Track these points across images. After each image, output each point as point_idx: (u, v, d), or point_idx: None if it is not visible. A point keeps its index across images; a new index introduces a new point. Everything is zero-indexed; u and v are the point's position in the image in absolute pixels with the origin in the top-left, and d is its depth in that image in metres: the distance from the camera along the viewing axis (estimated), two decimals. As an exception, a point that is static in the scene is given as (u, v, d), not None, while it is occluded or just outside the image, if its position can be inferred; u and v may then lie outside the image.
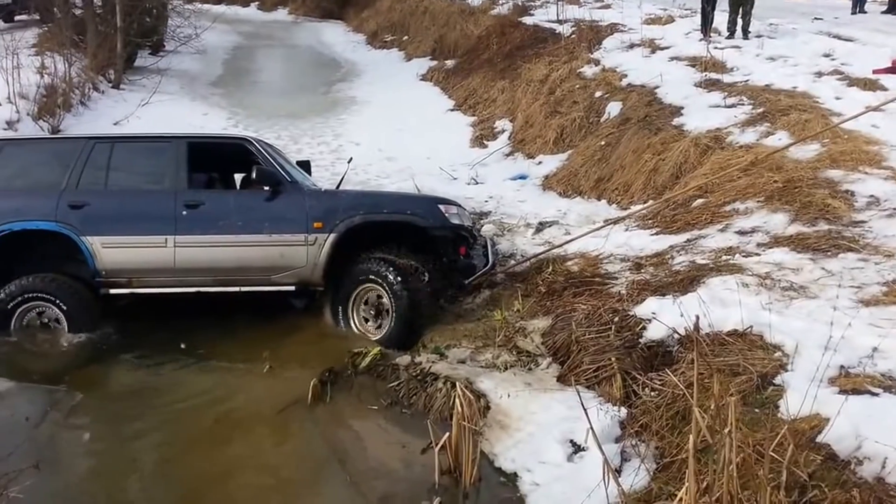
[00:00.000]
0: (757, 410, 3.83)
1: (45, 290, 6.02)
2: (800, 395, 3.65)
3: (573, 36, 13.51)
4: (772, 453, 3.18)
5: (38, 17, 18.25)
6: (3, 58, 11.91)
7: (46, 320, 6.11)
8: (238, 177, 7.67)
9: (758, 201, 6.47)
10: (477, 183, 10.35)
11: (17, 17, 19.49)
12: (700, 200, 7.00)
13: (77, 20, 15.84)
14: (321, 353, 5.92)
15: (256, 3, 33.12)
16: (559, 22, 14.77)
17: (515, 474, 4.26)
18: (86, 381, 5.55)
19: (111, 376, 5.69)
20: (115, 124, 12.57)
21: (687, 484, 3.08)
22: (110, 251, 6.09)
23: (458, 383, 4.73)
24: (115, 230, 6.11)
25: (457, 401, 4.26)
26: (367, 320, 6.21)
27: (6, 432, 4.73)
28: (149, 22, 17.95)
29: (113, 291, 6.22)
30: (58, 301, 6.02)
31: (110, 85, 15.13)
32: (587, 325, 5.25)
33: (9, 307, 5.98)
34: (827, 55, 10.38)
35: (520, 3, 17.41)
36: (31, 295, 6.02)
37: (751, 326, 4.48)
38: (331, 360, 5.65)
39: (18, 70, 11.95)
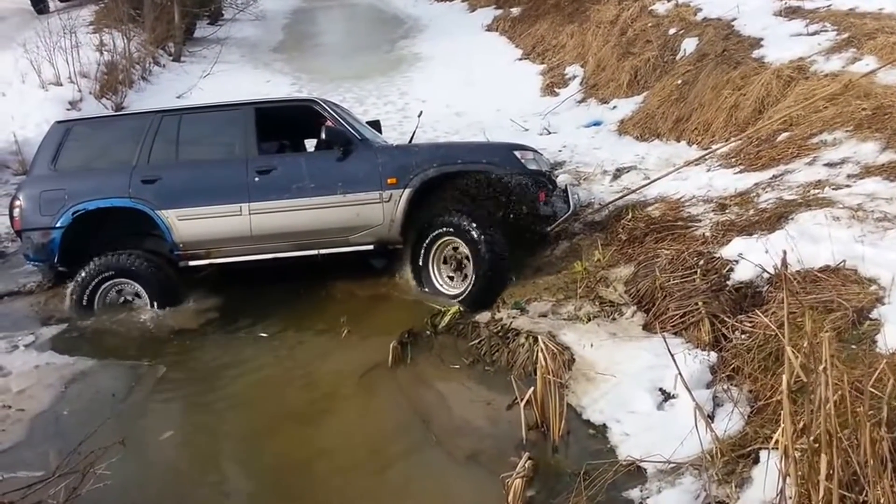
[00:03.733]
0: (854, 346, 3.78)
1: (126, 266, 6.22)
2: (899, 328, 3.58)
3: (643, -29, 13.16)
4: (871, 389, 3.15)
5: None
6: (62, 37, 12.16)
7: (128, 297, 6.35)
8: (309, 143, 7.79)
9: (846, 131, 6.29)
10: (549, 133, 10.29)
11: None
12: (785, 134, 6.84)
13: None
14: (400, 314, 6.05)
15: (312, -37, 33.05)
16: (627, -43, 14.39)
17: (604, 425, 4.26)
18: (169, 355, 5.72)
19: (193, 350, 5.83)
20: (177, 98, 12.81)
21: (783, 425, 3.06)
22: (186, 223, 6.26)
23: (540, 337, 4.76)
24: (189, 202, 6.27)
25: (540, 355, 4.28)
26: (447, 276, 6.27)
27: (92, 409, 4.92)
28: None
29: (192, 263, 6.42)
30: (138, 277, 6.23)
31: (171, 58, 15.40)
32: (671, 271, 5.23)
33: (91, 286, 6.20)
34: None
35: (584, -59, 16.99)
36: (112, 273, 6.22)
37: (844, 261, 4.42)
38: (410, 320, 5.77)
39: (78, 49, 12.23)
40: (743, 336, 4.39)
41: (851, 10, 8.74)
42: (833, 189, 5.50)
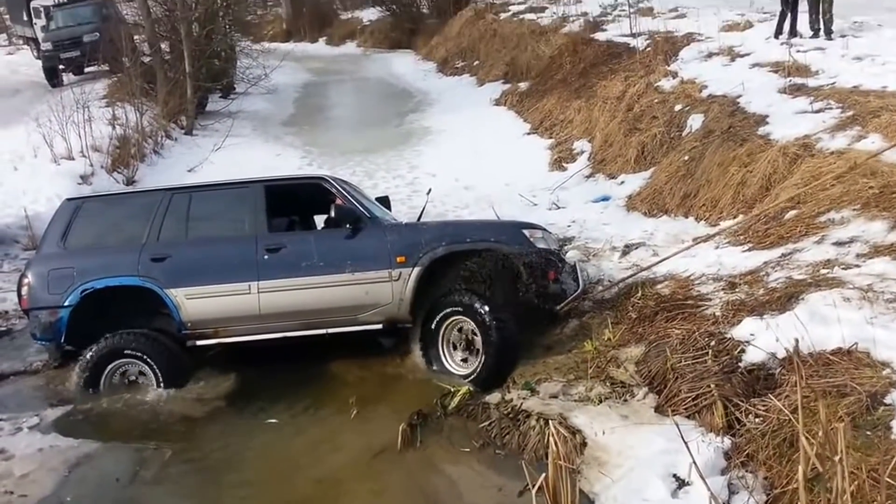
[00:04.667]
0: (868, 432, 3.76)
1: (133, 346, 6.14)
2: (914, 415, 3.57)
3: (648, 49, 13.42)
4: (888, 479, 3.14)
5: (107, 68, 18.97)
6: (75, 111, 12.34)
7: (135, 377, 6.24)
8: (319, 218, 7.84)
9: (854, 209, 6.34)
10: (558, 207, 10.33)
11: (86, 69, 20.31)
12: (792, 212, 6.89)
13: (146, 68, 16.35)
14: (409, 394, 6.02)
15: (324, 38, 33.92)
16: (633, 36, 14.67)
17: None
18: (175, 438, 5.66)
19: (200, 433, 5.77)
20: (189, 171, 12.92)
21: None
22: (195, 302, 6.22)
23: (551, 421, 4.71)
24: (198, 280, 6.24)
25: (551, 440, 4.23)
26: (456, 355, 6.24)
27: (96, 495, 4.90)
28: (218, 65, 18.38)
29: (200, 343, 6.37)
30: (146, 357, 6.13)
31: (182, 131, 15.57)
32: (682, 351, 5.22)
33: (97, 366, 6.11)
34: (918, 51, 10.03)
35: (591, 20, 17.40)
36: (118, 352, 6.14)
37: (856, 343, 4.41)
38: (419, 401, 5.74)
39: (90, 123, 12.41)
40: (757, 420, 4.36)
41: (855, 88, 8.88)
42: (842, 269, 5.52)
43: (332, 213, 6.50)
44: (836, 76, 9.53)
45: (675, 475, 4.28)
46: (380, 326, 6.41)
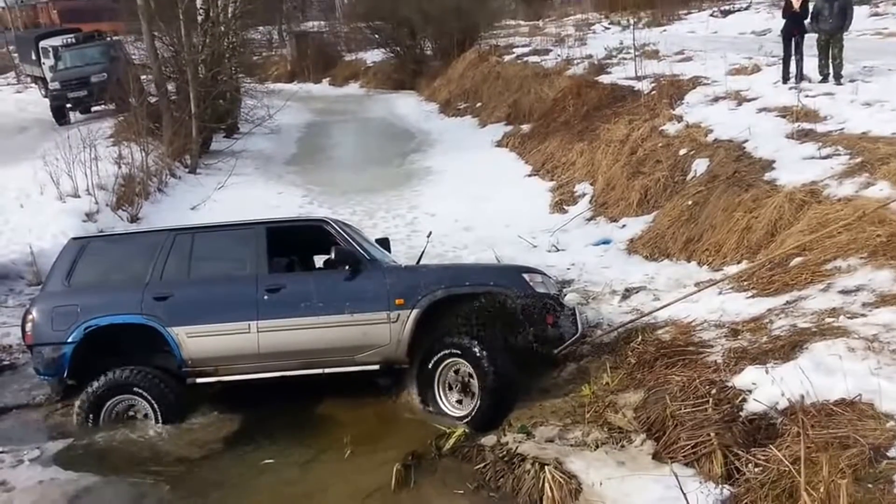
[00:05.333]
0: (870, 486, 3.70)
1: (133, 382, 6.23)
2: (918, 469, 3.53)
3: (653, 92, 13.56)
4: (891, 534, 3.08)
5: (113, 108, 19.20)
6: (82, 150, 12.51)
7: (134, 413, 6.34)
8: (319, 259, 7.85)
9: (861, 258, 6.32)
10: (558, 250, 10.33)
11: (93, 109, 20.62)
12: (798, 259, 6.86)
13: (152, 108, 16.59)
14: (404, 434, 5.99)
15: (328, 79, 34.35)
16: (638, 79, 14.85)
17: None
18: (172, 474, 5.67)
19: (197, 470, 5.78)
20: (192, 209, 13.08)
21: None
22: (195, 340, 6.30)
23: (546, 465, 4.69)
24: (199, 319, 6.32)
25: (546, 484, 4.23)
26: (453, 397, 6.23)
27: None
28: (222, 105, 18.66)
29: (200, 380, 6.43)
30: (145, 393, 6.22)
31: (187, 170, 15.78)
32: (682, 399, 5.16)
33: (98, 401, 6.20)
34: (929, 98, 10.09)
35: (595, 63, 17.59)
36: (119, 388, 6.23)
37: (860, 395, 4.37)
38: (414, 441, 5.70)
39: (96, 161, 12.59)
40: (756, 470, 4.29)
41: (864, 134, 8.91)
42: (848, 318, 5.47)
43: (333, 255, 6.55)
44: (845, 122, 9.60)
45: None
46: (377, 367, 6.43)
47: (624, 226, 10.65)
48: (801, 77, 12.07)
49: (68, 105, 20.39)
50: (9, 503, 5.18)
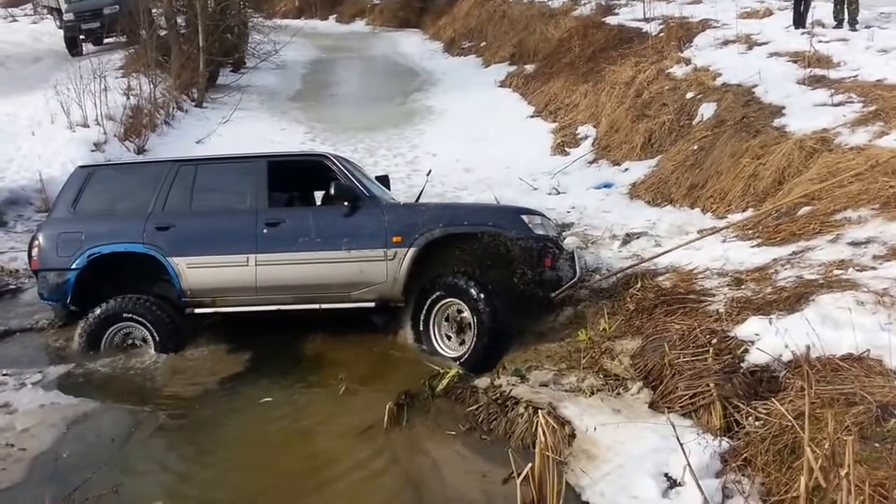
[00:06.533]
0: (877, 444, 3.54)
1: (134, 310, 6.30)
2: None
3: (661, 34, 13.15)
4: (896, 495, 2.90)
5: (124, 40, 19.05)
6: (92, 80, 12.53)
7: (134, 340, 6.41)
8: (318, 194, 7.80)
9: (872, 209, 6.07)
10: (558, 192, 10.16)
11: (105, 41, 20.41)
12: (806, 208, 6.63)
13: (161, 41, 16.45)
14: (398, 373, 5.93)
15: (335, 16, 33.82)
16: (646, 20, 14.44)
17: None
18: (169, 403, 5.69)
19: (193, 398, 5.79)
20: (197, 143, 13.07)
21: None
22: (195, 271, 6.31)
23: (540, 410, 4.56)
24: (199, 251, 6.33)
25: (539, 430, 4.06)
26: (447, 338, 6.18)
27: (91, 453, 4.91)
28: (230, 40, 18.53)
29: (198, 311, 6.44)
30: (146, 321, 6.29)
31: (193, 104, 15.72)
32: (681, 347, 5.00)
33: (99, 327, 6.28)
34: (947, 45, 9.73)
35: (603, 3, 17.15)
36: (120, 316, 6.30)
37: (868, 350, 4.20)
38: (408, 381, 5.63)
39: (106, 92, 12.65)
40: (757, 424, 4.13)
41: (879, 82, 8.60)
42: (857, 270, 5.24)
43: (332, 191, 6.46)
44: (859, 69, 9.27)
45: (666, 475, 4.13)
46: (372, 305, 6.36)
47: (626, 169, 10.40)
48: (801, 23, 11.57)
49: (81, 36, 20.20)
50: (10, 425, 5.20)
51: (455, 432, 5.02)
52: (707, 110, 9.87)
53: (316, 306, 6.32)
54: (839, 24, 11.41)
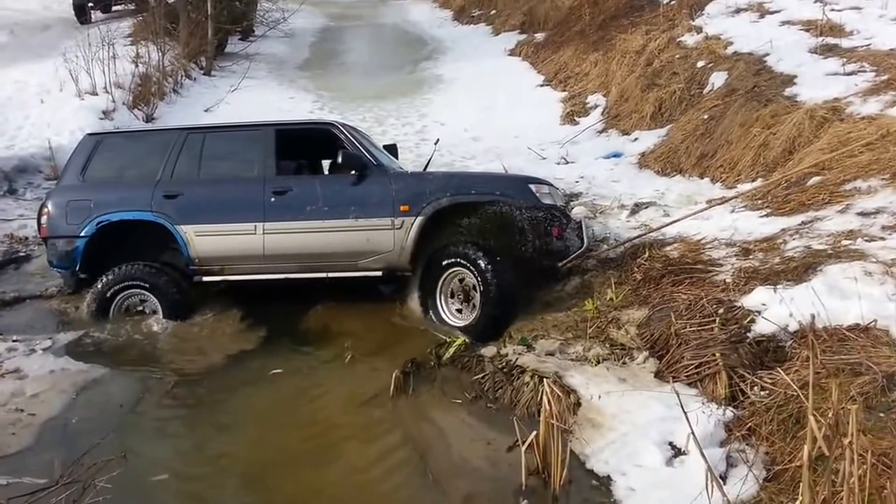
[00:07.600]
0: (882, 415, 3.53)
1: (142, 278, 6.32)
2: (933, 400, 3.33)
3: (672, 2, 12.89)
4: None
5: (133, 7, 18.98)
6: (100, 48, 12.49)
7: (143, 307, 6.44)
8: (326, 163, 7.79)
9: (882, 179, 5.98)
10: (567, 162, 10.06)
11: (113, 8, 20.25)
12: (816, 178, 6.54)
13: (170, 9, 16.32)
14: (405, 342, 5.93)
15: (344, -17, 33.37)
16: (658, -12, 14.18)
17: (609, 477, 4.05)
18: (178, 370, 5.70)
19: (201, 364, 5.81)
20: (205, 111, 13.00)
21: (801, 498, 2.85)
22: (203, 239, 6.33)
23: (545, 379, 4.58)
24: (207, 219, 6.34)
25: (544, 398, 4.08)
26: (454, 307, 6.16)
27: (100, 418, 4.94)
28: (239, 7, 18.29)
29: (206, 279, 6.46)
30: (154, 289, 6.32)
31: (202, 72, 15.60)
32: (688, 317, 4.97)
33: (108, 294, 6.30)
34: (962, 13, 9.54)
35: (615, -31, 16.83)
36: (129, 283, 6.33)
37: (875, 320, 4.15)
38: (414, 349, 5.63)
39: (114, 60, 12.59)
40: (762, 393, 4.13)
41: (892, 51, 8.44)
42: (866, 241, 5.17)
43: (340, 160, 6.42)
44: (872, 37, 9.07)
45: (671, 443, 4.15)
46: (379, 273, 6.35)
47: (636, 139, 10.27)
48: None
49: (90, 4, 19.99)
50: (21, 390, 5.25)
51: (461, 400, 5.04)
52: (718, 79, 9.72)
53: (323, 275, 6.33)
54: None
